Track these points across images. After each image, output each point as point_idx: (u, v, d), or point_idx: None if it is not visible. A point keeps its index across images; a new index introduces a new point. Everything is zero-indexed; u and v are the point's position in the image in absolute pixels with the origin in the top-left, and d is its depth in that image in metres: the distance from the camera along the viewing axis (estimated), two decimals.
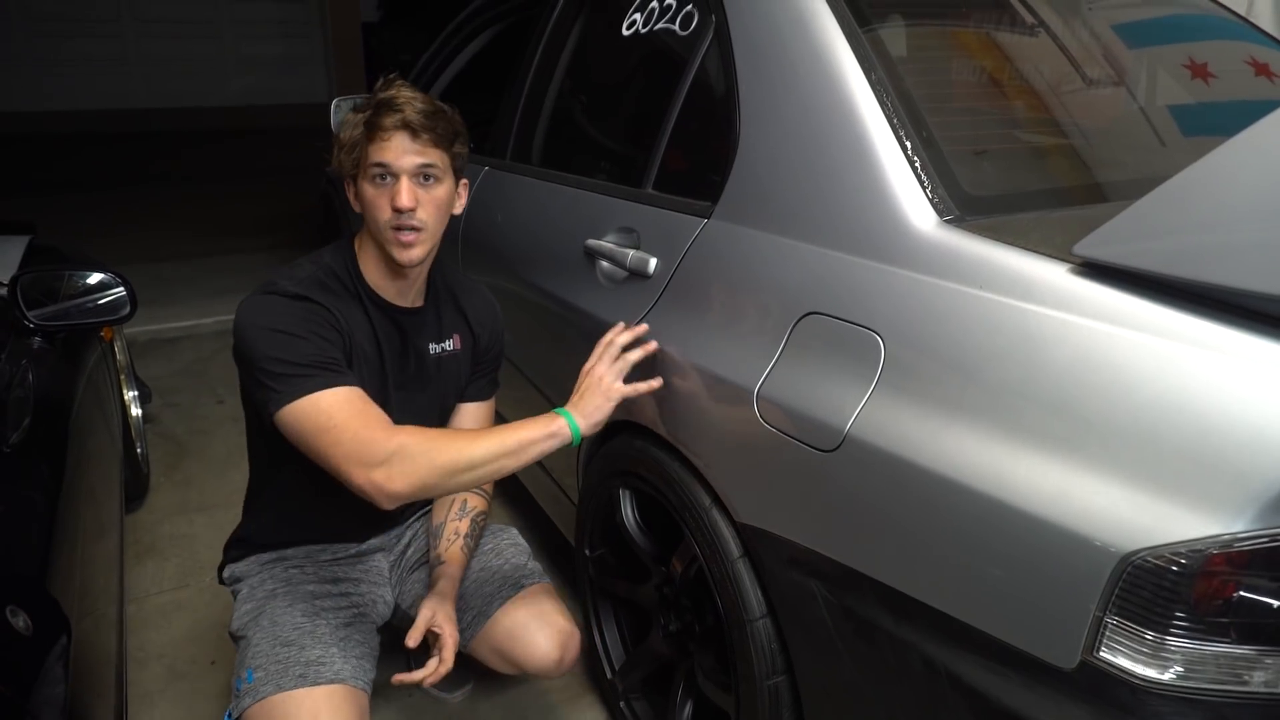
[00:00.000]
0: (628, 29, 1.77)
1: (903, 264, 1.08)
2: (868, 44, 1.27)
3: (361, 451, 1.19)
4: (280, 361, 1.23)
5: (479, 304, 1.56)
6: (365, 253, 1.39)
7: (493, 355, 1.60)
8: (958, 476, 0.94)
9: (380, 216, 1.30)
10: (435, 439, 1.25)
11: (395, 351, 1.43)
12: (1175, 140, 1.61)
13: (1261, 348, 0.80)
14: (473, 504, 1.57)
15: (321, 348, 1.26)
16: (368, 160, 1.29)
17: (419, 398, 1.48)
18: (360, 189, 1.32)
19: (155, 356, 3.55)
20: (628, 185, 1.63)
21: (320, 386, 1.22)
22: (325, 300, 1.31)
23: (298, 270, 1.35)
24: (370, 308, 1.39)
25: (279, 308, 1.27)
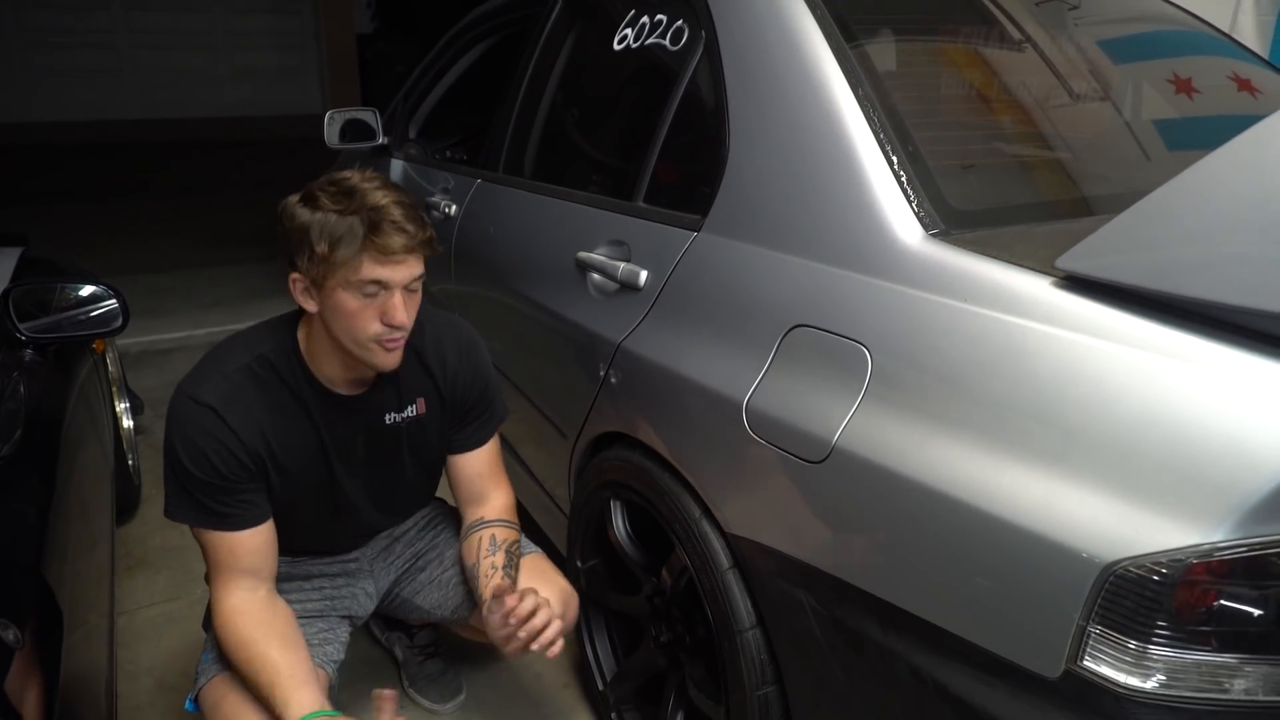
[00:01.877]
0: (619, 44, 1.79)
1: (889, 277, 1.09)
2: (855, 60, 1.29)
3: (209, 574, 1.34)
4: (174, 480, 1.30)
5: (448, 353, 1.45)
6: (318, 350, 1.32)
7: (472, 402, 1.49)
8: (943, 488, 0.95)
9: (367, 329, 1.23)
10: (241, 630, 1.28)
11: (342, 437, 1.38)
12: (1160, 154, 1.63)
13: (1240, 360, 0.82)
14: (502, 537, 1.48)
15: (210, 492, 1.27)
16: (360, 276, 1.20)
17: (378, 475, 1.46)
18: (336, 299, 1.22)
19: (147, 368, 3.55)
20: (619, 198, 1.64)
21: (200, 524, 1.30)
22: (240, 415, 1.27)
23: (230, 359, 1.30)
24: (313, 400, 1.34)
25: (190, 425, 1.26)
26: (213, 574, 1.34)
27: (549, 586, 1.50)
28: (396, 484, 1.50)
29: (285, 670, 1.25)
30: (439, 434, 1.49)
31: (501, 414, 1.56)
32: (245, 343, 1.33)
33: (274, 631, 1.30)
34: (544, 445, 1.88)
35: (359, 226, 1.18)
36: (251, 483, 1.31)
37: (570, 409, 1.68)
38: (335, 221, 1.19)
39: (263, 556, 1.34)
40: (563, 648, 1.33)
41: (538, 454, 1.96)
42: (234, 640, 1.28)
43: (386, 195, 1.21)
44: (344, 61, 10.38)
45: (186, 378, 1.31)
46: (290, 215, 1.22)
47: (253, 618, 1.30)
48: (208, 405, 1.26)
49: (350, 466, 1.41)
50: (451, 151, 2.98)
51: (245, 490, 1.30)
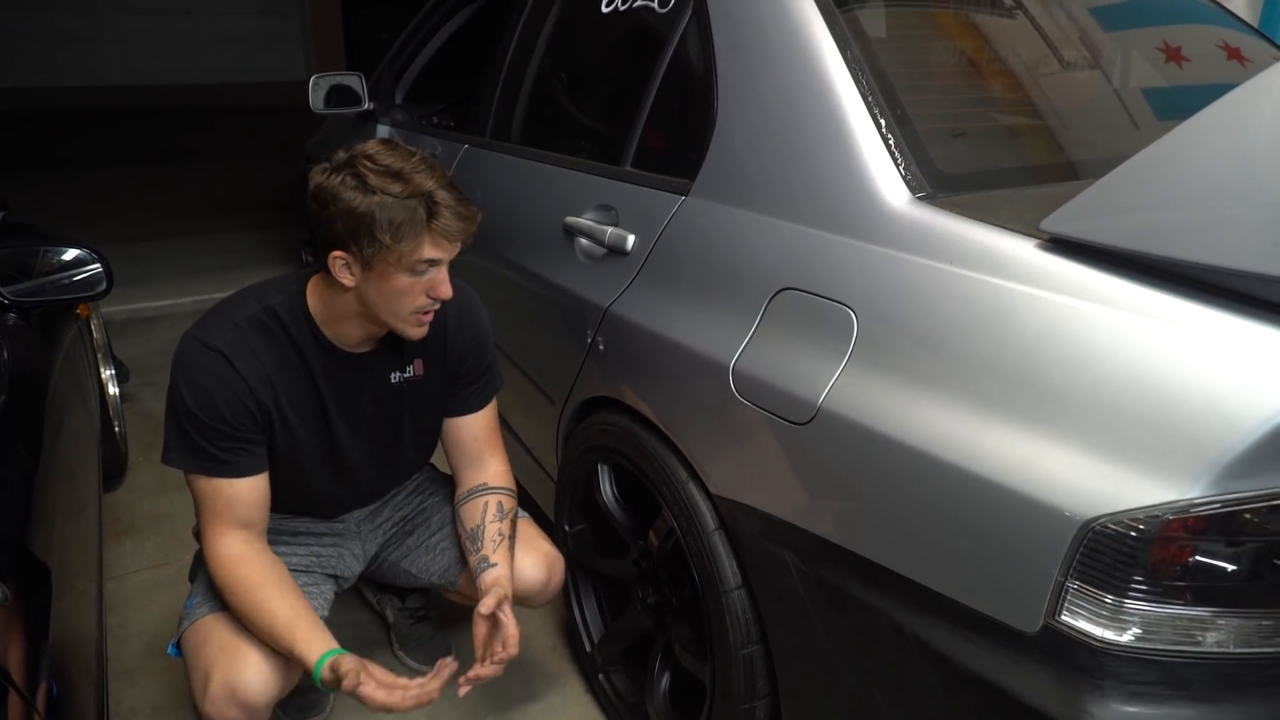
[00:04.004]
0: (607, 6, 1.77)
1: (875, 240, 1.09)
2: (844, 23, 1.28)
3: (201, 524, 1.34)
4: (176, 424, 1.29)
5: (448, 314, 1.43)
6: (336, 316, 1.32)
7: (471, 365, 1.49)
8: (927, 448, 0.96)
9: (413, 304, 1.26)
10: (243, 576, 1.29)
11: (343, 395, 1.39)
12: (1149, 122, 1.63)
13: (1219, 320, 0.83)
14: (509, 506, 1.51)
15: (213, 438, 1.27)
16: (417, 256, 1.20)
17: (378, 434, 1.46)
18: (388, 278, 1.22)
19: (133, 336, 3.52)
20: (606, 163, 1.63)
21: (197, 470, 1.30)
22: (249, 362, 1.28)
23: (239, 309, 1.31)
24: (318, 358, 1.34)
25: (197, 369, 1.26)
26: (206, 523, 1.33)
27: (535, 553, 1.53)
28: (394, 444, 1.50)
29: (297, 613, 1.27)
30: (437, 396, 1.49)
31: (500, 380, 1.56)
32: (255, 295, 1.34)
33: (277, 576, 1.32)
34: (532, 411, 1.88)
35: (420, 212, 1.19)
36: (255, 432, 1.31)
37: (558, 374, 1.68)
38: (394, 206, 1.17)
39: (259, 509, 1.34)
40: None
41: (525, 420, 1.97)
42: (236, 585, 1.29)
43: (434, 177, 1.21)
44: (328, 27, 10.21)
45: (195, 324, 1.31)
46: (336, 197, 1.19)
47: (254, 563, 1.31)
48: (217, 350, 1.26)
49: (351, 424, 1.42)
50: (438, 117, 2.95)
51: (247, 439, 1.30)
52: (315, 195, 1.21)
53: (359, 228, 1.18)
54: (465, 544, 1.50)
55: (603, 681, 1.70)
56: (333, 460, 1.44)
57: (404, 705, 1.24)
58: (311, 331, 1.33)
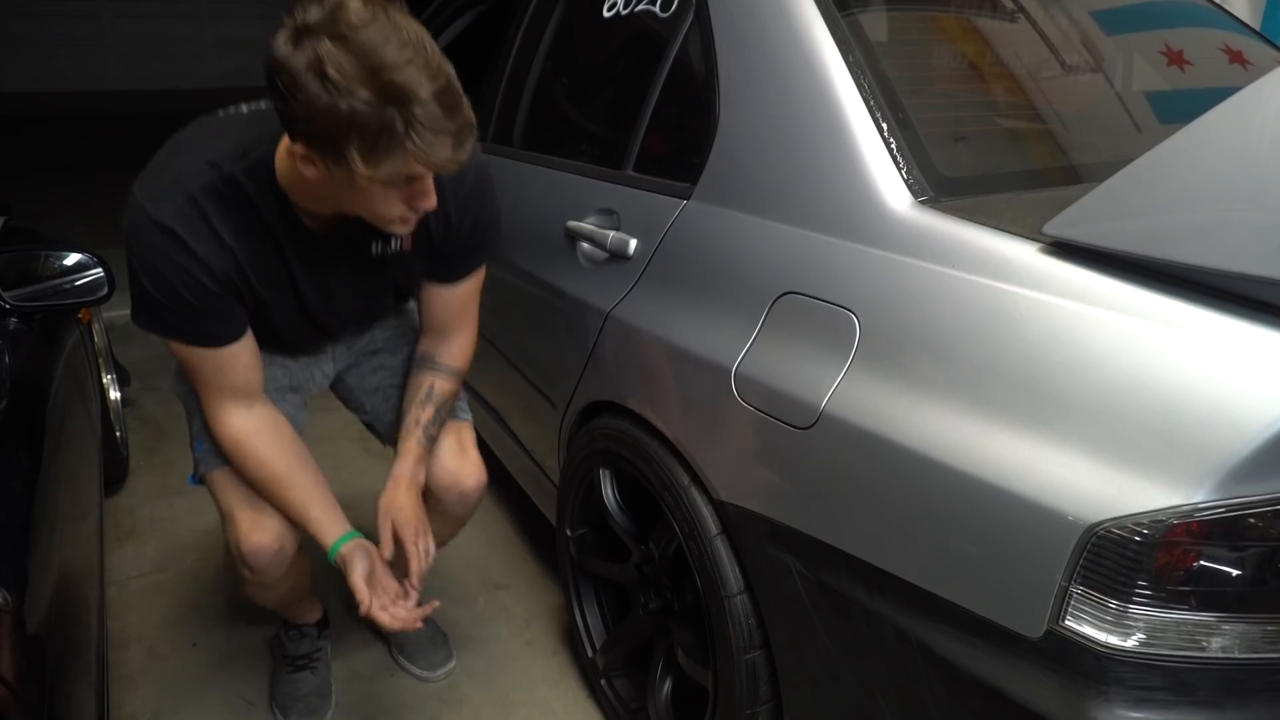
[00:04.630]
0: (608, 11, 1.77)
1: (878, 244, 1.09)
2: (846, 27, 1.28)
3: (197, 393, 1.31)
4: (142, 298, 1.18)
5: (449, 198, 1.25)
6: (306, 195, 1.15)
7: (463, 242, 1.33)
8: (930, 452, 0.96)
9: (389, 211, 1.09)
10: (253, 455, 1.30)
11: (315, 268, 1.27)
12: (1151, 126, 1.63)
13: (1222, 324, 0.82)
14: (440, 389, 1.45)
15: (178, 315, 1.19)
16: (399, 171, 1.01)
17: (352, 300, 1.37)
18: (356, 184, 1.03)
19: (134, 340, 3.50)
20: (608, 167, 1.63)
21: (169, 336, 1.22)
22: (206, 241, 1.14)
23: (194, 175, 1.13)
24: (286, 235, 1.20)
25: (150, 251, 1.14)
26: (201, 390, 1.28)
27: (465, 461, 1.53)
28: (369, 306, 1.45)
29: (310, 496, 1.32)
30: (421, 268, 1.38)
31: (491, 255, 1.42)
32: (215, 150, 1.15)
33: (288, 452, 1.33)
34: (533, 415, 1.88)
35: (398, 126, 0.95)
36: (226, 304, 1.22)
37: (560, 378, 1.68)
38: (364, 115, 0.94)
39: (252, 370, 1.29)
40: None
41: (527, 424, 1.96)
42: (245, 464, 1.31)
43: (424, 74, 0.96)
44: None
45: (143, 183, 1.16)
46: (296, 88, 0.94)
47: (263, 439, 1.31)
48: (170, 230, 1.13)
49: (322, 293, 1.31)
50: None
51: (219, 311, 1.22)
52: (272, 72, 0.96)
53: (322, 137, 0.98)
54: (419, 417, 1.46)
55: (604, 687, 1.69)
56: (303, 319, 1.36)
57: (387, 624, 1.29)
58: (279, 206, 1.17)
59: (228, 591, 2.06)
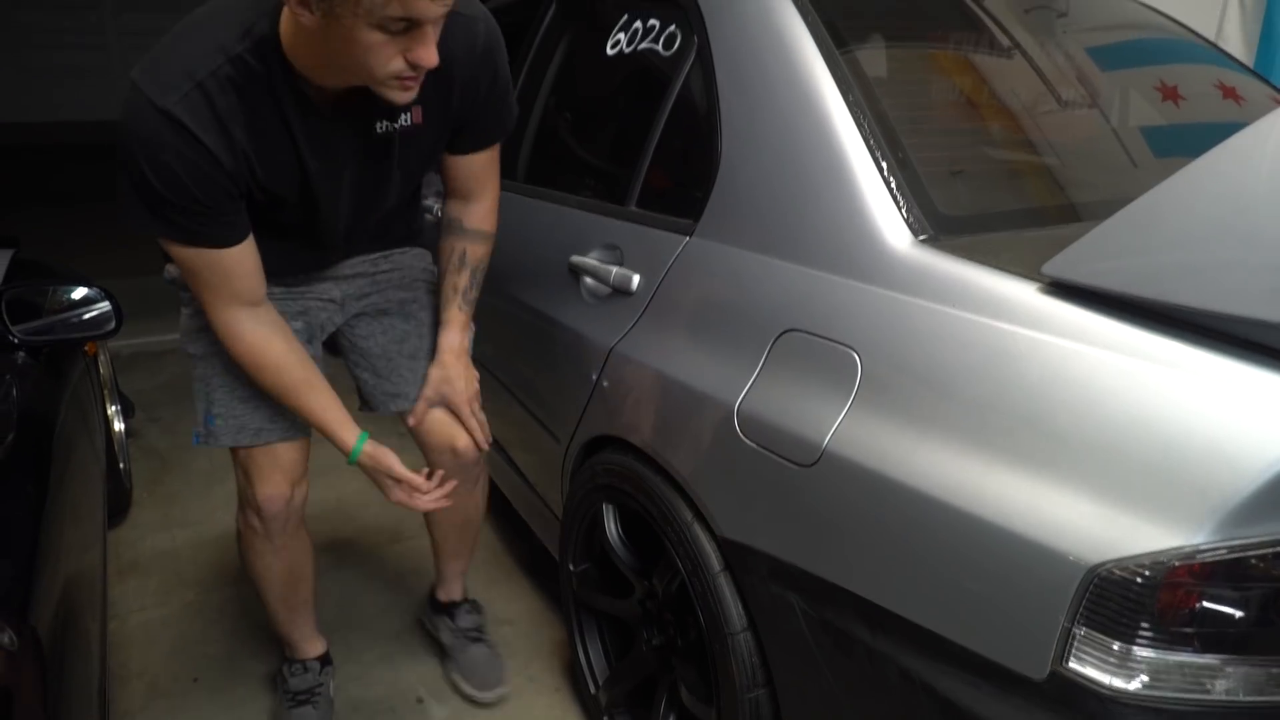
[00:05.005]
0: (612, 48, 1.80)
1: (879, 282, 1.10)
2: (845, 66, 1.30)
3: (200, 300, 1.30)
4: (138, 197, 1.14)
5: (458, 54, 1.22)
6: (307, 61, 1.11)
7: (479, 109, 1.31)
8: (932, 491, 0.96)
9: (386, 67, 1.05)
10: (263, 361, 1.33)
11: (324, 147, 1.22)
12: (1147, 161, 1.65)
13: (1221, 365, 0.83)
14: (472, 253, 1.48)
15: (184, 213, 1.14)
16: (385, 12, 0.98)
17: (360, 185, 1.32)
18: (349, 32, 1.00)
19: (139, 370, 3.54)
20: (611, 202, 1.65)
21: (169, 237, 1.19)
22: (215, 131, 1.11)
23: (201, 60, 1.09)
24: (294, 109, 1.16)
25: (157, 143, 1.09)
26: (206, 297, 1.26)
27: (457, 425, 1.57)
28: (377, 193, 1.38)
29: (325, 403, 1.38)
30: (434, 143, 1.35)
31: (511, 121, 1.42)
32: (218, 35, 1.11)
33: (301, 357, 1.37)
34: (537, 449, 1.88)
35: None
36: (233, 200, 1.18)
37: (563, 412, 1.69)
38: None
39: (254, 275, 1.28)
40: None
41: (531, 457, 1.97)
42: (260, 370, 1.34)
43: None
44: None
45: (147, 72, 1.10)
46: None
47: (276, 346, 1.33)
48: (177, 120, 1.08)
49: (330, 176, 1.27)
50: None
51: (225, 208, 1.18)
52: None
53: None
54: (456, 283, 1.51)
55: None
56: (312, 211, 1.32)
57: (419, 508, 1.43)
58: (286, 78, 1.13)
59: (229, 625, 2.05)
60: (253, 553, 1.60)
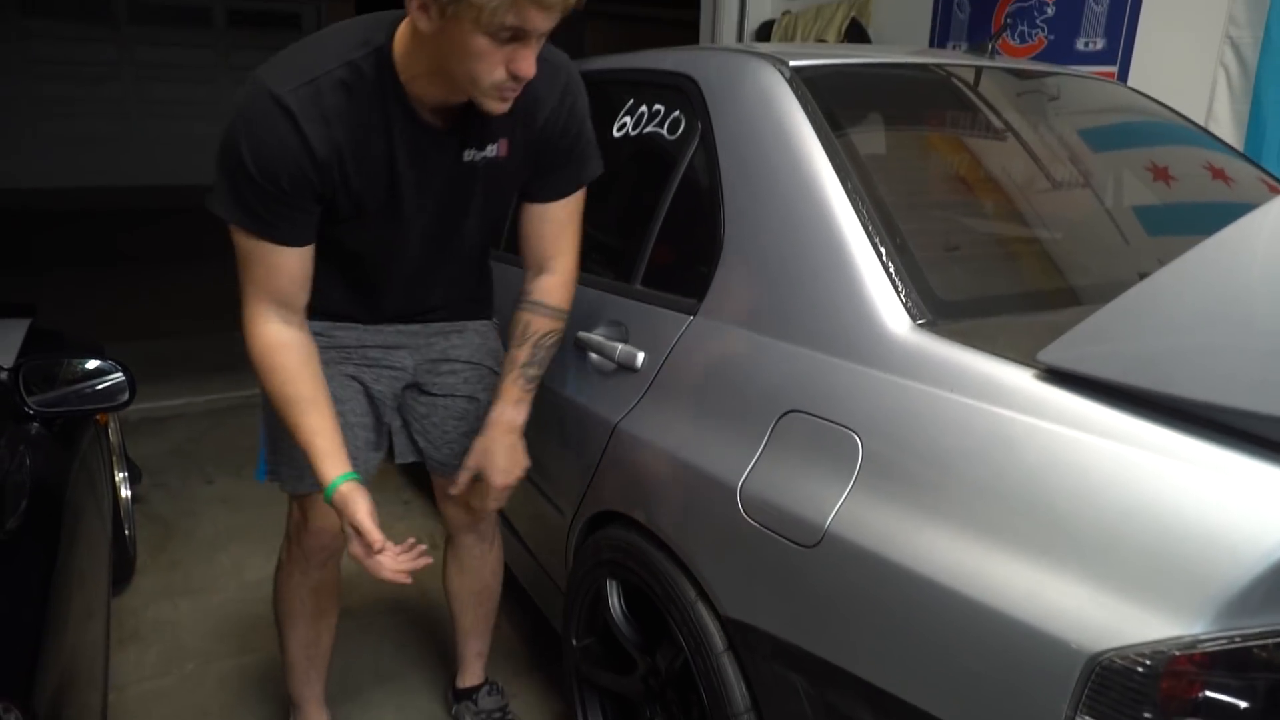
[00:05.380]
0: (618, 130, 1.86)
1: (878, 365, 1.13)
2: (843, 153, 1.35)
3: (242, 291, 1.32)
4: (227, 176, 1.23)
5: (544, 93, 1.31)
6: (417, 70, 1.21)
7: (563, 150, 1.38)
8: (934, 575, 0.97)
9: (490, 75, 1.13)
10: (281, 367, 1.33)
11: (417, 164, 1.30)
12: (1140, 239, 1.68)
13: (1215, 454, 0.84)
14: (536, 326, 1.44)
15: (265, 199, 1.22)
16: (499, 20, 1.06)
17: (442, 215, 1.39)
18: (463, 36, 1.09)
19: (146, 435, 3.56)
20: (618, 280, 1.69)
21: (241, 224, 1.26)
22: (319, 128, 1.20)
23: (320, 61, 1.20)
24: (399, 121, 1.25)
25: (262, 126, 1.18)
26: (247, 288, 1.31)
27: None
28: (457, 228, 1.43)
29: (321, 426, 1.33)
30: (514, 180, 1.41)
31: (595, 168, 1.45)
32: (338, 43, 1.23)
33: (315, 377, 1.35)
34: (541, 521, 1.89)
35: None
36: (310, 201, 1.26)
37: (567, 486, 1.70)
38: None
39: (300, 284, 1.32)
40: None
41: (534, 529, 1.97)
42: (271, 373, 1.33)
43: None
44: None
45: (269, 67, 1.22)
46: None
47: (294, 355, 1.33)
48: (286, 109, 1.18)
49: (418, 198, 1.33)
50: None
51: (301, 208, 1.25)
52: None
53: None
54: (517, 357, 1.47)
55: None
56: (390, 235, 1.37)
57: (375, 572, 1.30)
58: (394, 88, 1.22)
59: (229, 698, 2.03)
60: (290, 584, 1.64)
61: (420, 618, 2.36)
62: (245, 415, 3.84)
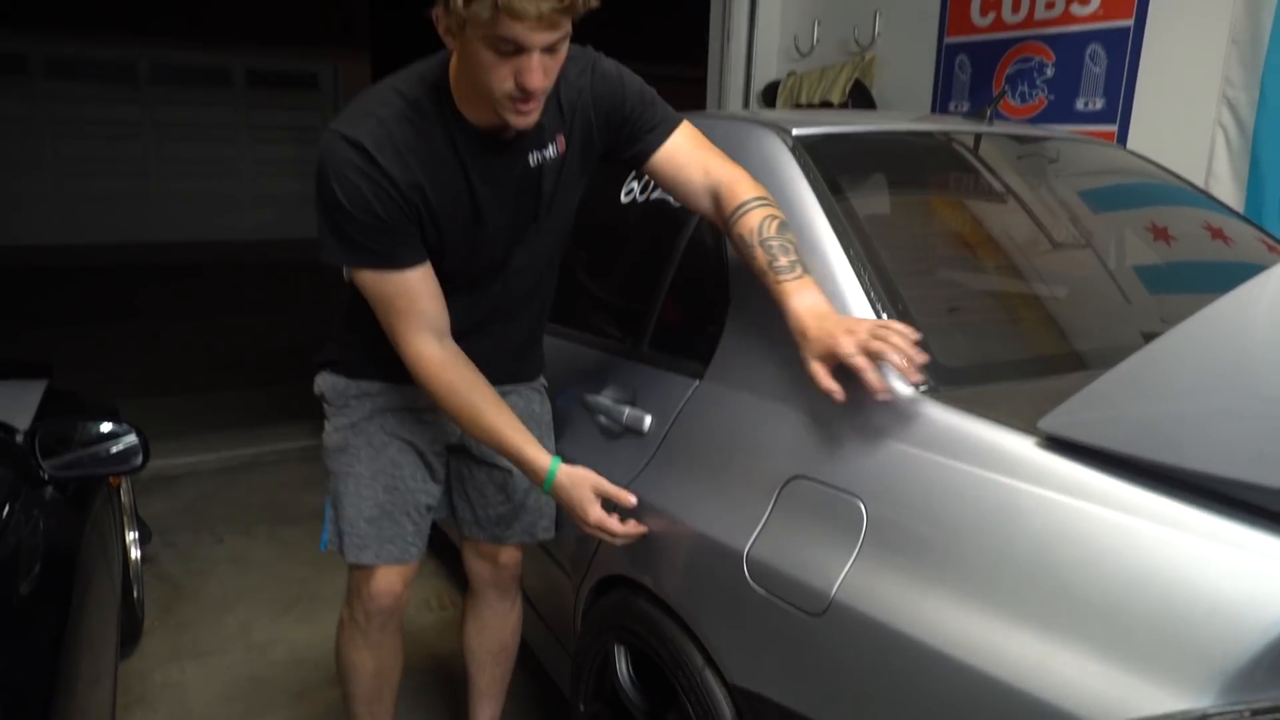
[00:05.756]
0: (625, 196, 1.90)
1: (883, 433, 1.14)
2: (845, 220, 1.38)
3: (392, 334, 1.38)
4: (330, 224, 1.31)
5: (574, 78, 1.38)
6: (463, 92, 1.30)
7: (636, 119, 1.40)
8: (940, 645, 0.97)
9: (500, 86, 1.19)
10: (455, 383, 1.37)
11: (489, 177, 1.37)
12: (1142, 298, 1.70)
13: (1217, 525, 0.85)
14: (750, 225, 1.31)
15: (369, 233, 1.29)
16: (495, 32, 1.13)
17: (519, 216, 1.43)
18: (473, 49, 1.18)
19: (157, 493, 3.57)
20: (625, 344, 1.71)
21: (359, 263, 1.33)
22: (392, 157, 1.28)
23: (383, 103, 1.30)
24: (462, 140, 1.33)
25: (344, 164, 1.27)
26: (394, 326, 1.36)
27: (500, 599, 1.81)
28: (535, 231, 1.46)
29: (515, 424, 1.39)
30: (579, 174, 1.46)
31: (673, 113, 1.44)
32: (398, 84, 1.33)
33: (480, 378, 1.40)
34: (549, 583, 1.88)
35: None
36: (410, 223, 1.32)
37: (575, 550, 1.70)
38: None
39: (439, 300, 1.37)
40: None
41: (542, 591, 1.96)
42: (449, 393, 1.37)
43: None
44: None
45: (338, 119, 1.32)
46: None
47: (466, 367, 1.39)
48: (359, 145, 1.26)
49: (498, 202, 1.39)
50: None
51: (405, 231, 1.31)
52: None
53: None
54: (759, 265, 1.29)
55: None
56: (474, 242, 1.41)
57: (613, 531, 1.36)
58: (454, 115, 1.31)
59: None
60: (351, 645, 1.68)
61: (432, 681, 2.34)
62: (255, 474, 3.86)
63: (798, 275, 1.25)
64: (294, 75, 11.14)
